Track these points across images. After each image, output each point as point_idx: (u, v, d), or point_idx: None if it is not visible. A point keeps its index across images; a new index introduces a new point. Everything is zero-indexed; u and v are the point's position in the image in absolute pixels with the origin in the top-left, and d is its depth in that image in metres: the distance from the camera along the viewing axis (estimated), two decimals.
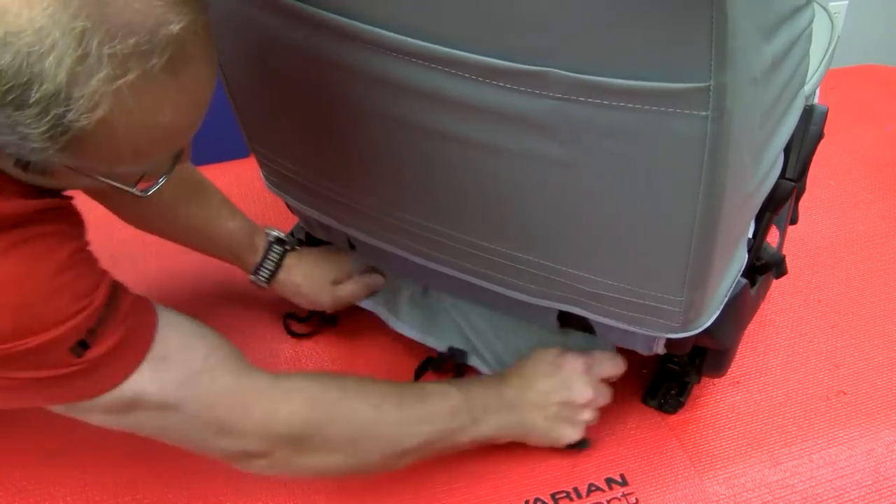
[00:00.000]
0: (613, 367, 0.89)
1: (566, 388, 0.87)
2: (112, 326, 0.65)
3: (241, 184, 1.26)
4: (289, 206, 0.99)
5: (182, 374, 0.70)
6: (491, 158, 0.69)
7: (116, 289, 0.67)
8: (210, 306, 1.08)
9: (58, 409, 0.69)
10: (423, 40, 0.62)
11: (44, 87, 0.51)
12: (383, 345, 1.03)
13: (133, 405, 0.69)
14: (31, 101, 0.51)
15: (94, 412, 0.69)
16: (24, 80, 0.50)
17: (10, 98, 0.51)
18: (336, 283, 1.01)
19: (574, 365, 0.88)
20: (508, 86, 0.61)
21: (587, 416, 0.88)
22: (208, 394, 0.71)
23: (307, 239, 1.06)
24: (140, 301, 0.70)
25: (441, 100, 0.65)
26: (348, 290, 1.01)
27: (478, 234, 0.78)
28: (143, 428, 0.72)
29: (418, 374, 0.98)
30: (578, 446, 0.89)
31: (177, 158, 0.65)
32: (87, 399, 0.67)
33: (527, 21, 0.57)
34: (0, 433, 0.93)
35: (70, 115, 0.52)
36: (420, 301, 1.02)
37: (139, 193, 0.64)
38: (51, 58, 0.50)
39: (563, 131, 0.62)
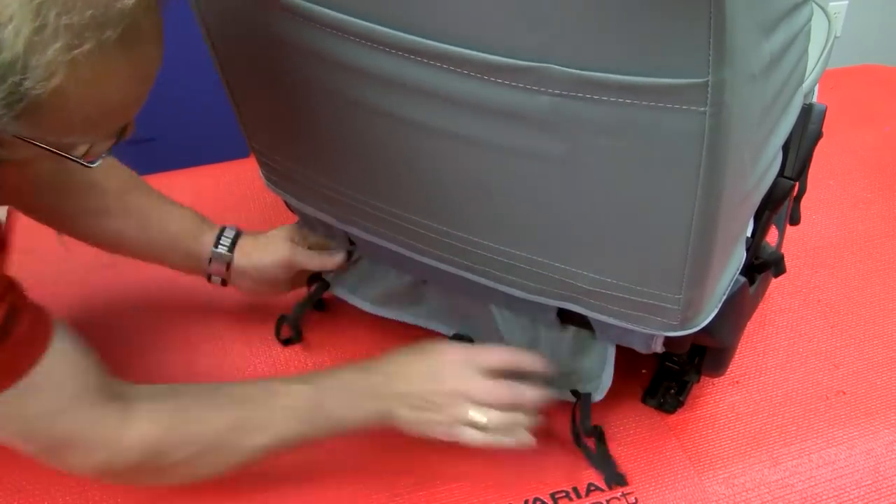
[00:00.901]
0: (495, 358, 0.84)
1: (434, 378, 0.82)
2: None
3: (241, 184, 1.26)
4: (288, 205, 0.99)
5: (46, 408, 0.73)
6: (489, 155, 0.69)
7: (11, 317, 0.68)
8: (205, 310, 1.08)
9: None
10: (422, 37, 0.62)
11: (1, 56, 0.53)
12: (383, 348, 1.02)
13: None
14: None
15: None
16: None
17: None
18: (291, 240, 1.00)
19: (447, 355, 0.84)
20: (506, 82, 0.61)
21: (459, 410, 0.81)
22: (61, 432, 0.74)
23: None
24: (37, 329, 0.71)
25: (439, 97, 0.66)
26: (311, 255, 1.00)
27: (476, 230, 0.78)
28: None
29: None
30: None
31: (122, 133, 0.67)
32: None
33: (524, 17, 0.57)
34: None
35: (26, 84, 0.54)
36: (417, 291, 1.01)
37: (86, 163, 0.66)
38: (9, 28, 0.52)
39: (561, 128, 0.62)
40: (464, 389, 0.81)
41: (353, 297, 1.02)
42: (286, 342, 1.04)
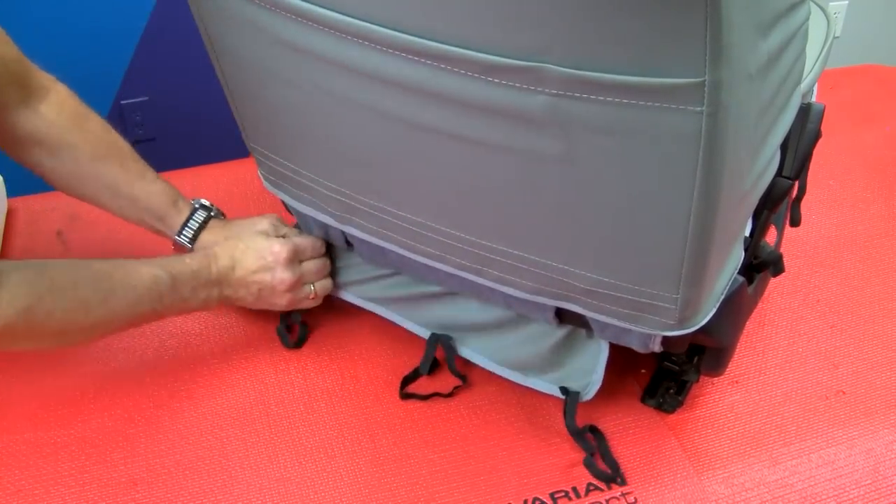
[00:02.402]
0: (312, 249, 1.00)
1: (269, 272, 0.95)
2: None
3: (241, 184, 1.26)
4: (286, 205, 0.99)
5: None
6: (485, 155, 0.69)
7: None
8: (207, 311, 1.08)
9: None
10: (419, 37, 0.63)
11: None
12: (383, 347, 1.03)
13: None
14: None
15: None
16: None
17: None
18: (262, 233, 1.00)
19: (280, 254, 0.95)
20: (503, 82, 0.61)
21: (282, 301, 0.97)
22: None
23: None
24: None
25: (436, 96, 0.66)
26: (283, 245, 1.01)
27: (474, 230, 0.79)
28: None
29: (405, 384, 0.97)
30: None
31: None
32: None
33: (522, 17, 0.57)
34: (0, 431, 0.93)
35: None
36: (402, 289, 1.01)
37: None
38: None
39: (558, 127, 0.62)
40: (296, 279, 0.98)
41: (345, 292, 1.04)
42: (292, 345, 1.05)
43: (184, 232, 0.99)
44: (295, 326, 1.05)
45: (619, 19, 0.54)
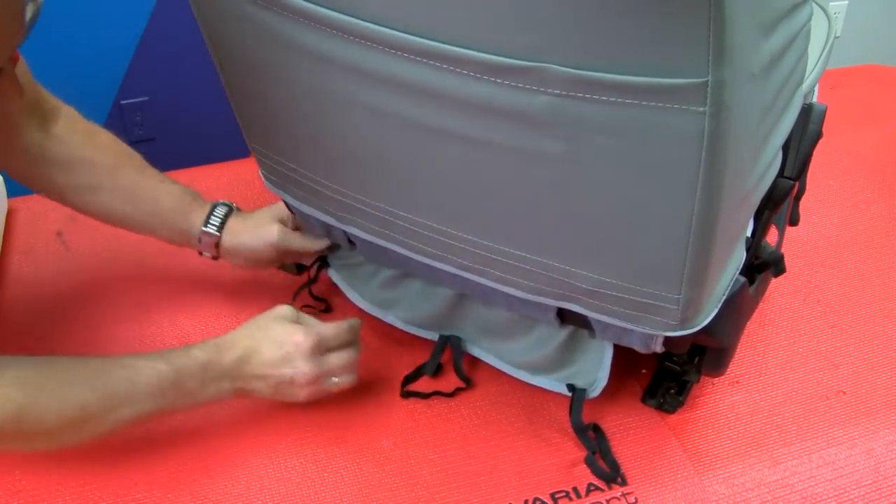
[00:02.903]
0: (338, 338, 0.90)
1: (289, 364, 0.87)
2: None
3: (241, 184, 1.26)
4: (287, 205, 0.99)
5: None
6: (488, 155, 0.69)
7: None
8: (206, 310, 1.08)
9: None
10: (421, 37, 0.62)
11: None
12: (384, 347, 1.03)
13: None
14: None
15: None
16: None
17: None
18: (281, 221, 1.01)
19: (302, 344, 0.87)
20: (505, 82, 0.61)
21: (301, 393, 0.88)
22: None
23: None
24: None
25: (438, 96, 0.66)
26: (297, 236, 1.02)
27: (475, 230, 0.78)
28: None
29: (406, 382, 0.97)
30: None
31: None
32: None
33: (524, 17, 0.57)
34: None
35: None
36: (402, 287, 1.01)
37: None
38: None
39: (561, 127, 0.62)
40: (318, 373, 0.88)
41: (350, 290, 1.03)
42: None
43: (210, 221, 0.99)
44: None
45: (622, 19, 0.54)
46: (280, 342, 0.87)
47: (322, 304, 1.07)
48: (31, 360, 0.80)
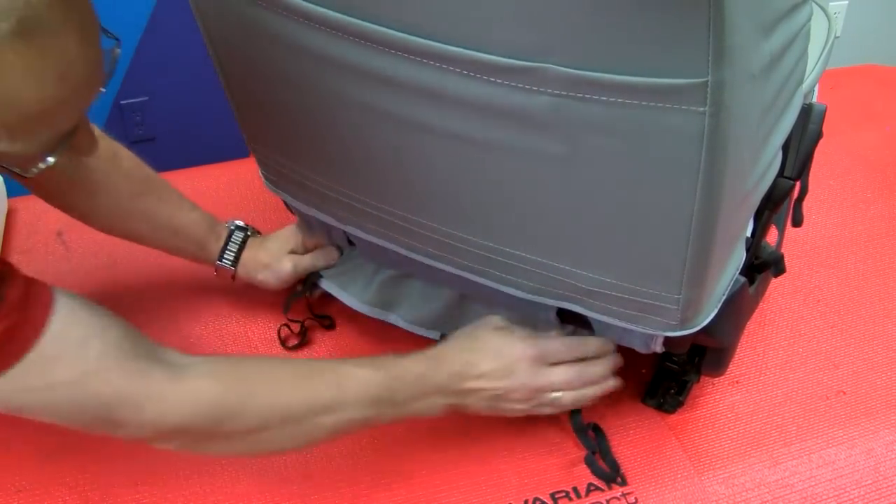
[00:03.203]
0: (565, 351, 0.85)
1: (507, 377, 0.82)
2: None
3: (241, 184, 1.26)
4: (287, 205, 0.99)
5: (72, 374, 0.70)
6: (488, 155, 0.69)
7: (3, 281, 0.66)
8: (206, 311, 1.08)
9: None
10: (421, 37, 0.62)
11: None
12: (384, 347, 1.03)
13: (22, 405, 0.70)
14: None
15: None
16: None
17: None
18: (294, 252, 1.03)
19: (521, 351, 0.83)
20: (506, 82, 0.61)
21: (518, 407, 0.84)
22: (98, 395, 0.71)
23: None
24: (33, 293, 0.68)
25: (438, 96, 0.66)
26: (307, 261, 1.03)
27: (476, 230, 0.79)
28: (37, 415, 0.72)
29: None
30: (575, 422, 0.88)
31: (66, 140, 0.64)
32: None
33: (524, 17, 0.57)
34: (0, 433, 0.93)
35: None
36: (409, 291, 1.01)
37: (22, 173, 0.64)
38: None
39: (561, 127, 0.62)
40: (538, 386, 0.83)
41: (343, 293, 1.03)
42: (290, 347, 1.05)
43: (225, 256, 1.01)
44: (295, 328, 1.05)
45: (622, 20, 0.54)
46: (499, 353, 0.83)
47: (326, 320, 1.07)
48: (229, 357, 0.79)
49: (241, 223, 1.04)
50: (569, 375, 0.84)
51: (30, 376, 0.68)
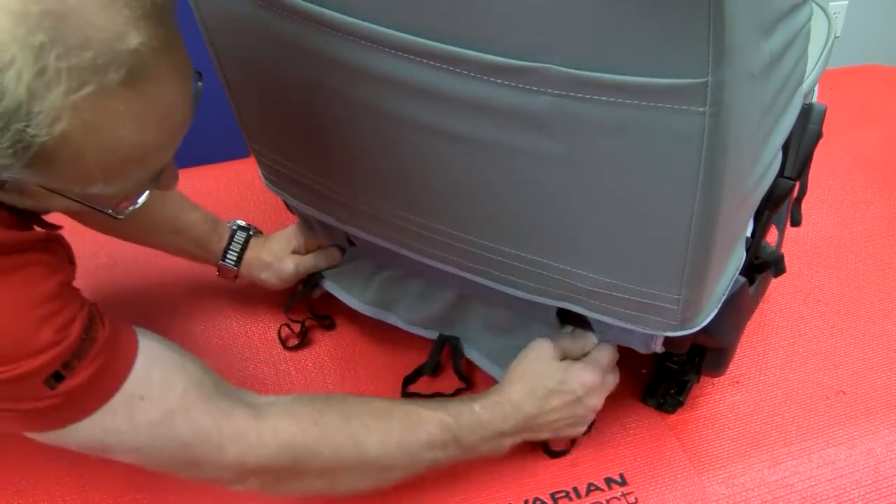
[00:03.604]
0: (611, 358, 0.88)
1: (579, 406, 0.85)
2: (88, 359, 0.65)
3: (241, 184, 1.26)
4: (287, 205, 0.99)
5: (157, 414, 0.70)
6: (488, 155, 0.69)
7: (93, 322, 0.67)
8: (206, 311, 1.08)
9: (39, 437, 0.69)
10: (421, 37, 0.62)
11: (4, 102, 0.51)
12: (384, 347, 1.03)
13: (105, 444, 0.69)
14: None
15: (70, 443, 0.69)
16: None
17: None
18: (296, 252, 1.03)
19: (583, 379, 0.85)
20: (506, 82, 0.61)
21: (590, 419, 0.88)
22: (182, 435, 0.71)
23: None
24: (119, 334, 0.69)
25: (439, 97, 0.66)
26: (308, 261, 1.03)
27: (475, 230, 0.78)
28: (118, 456, 0.72)
29: (406, 383, 0.97)
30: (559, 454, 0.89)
31: (155, 180, 0.65)
32: (61, 428, 0.67)
33: (524, 17, 0.57)
34: (0, 433, 0.93)
35: (31, 130, 0.52)
36: (408, 291, 1.01)
37: (115, 215, 0.64)
38: (10, 73, 0.50)
39: (561, 127, 0.62)
40: (599, 405, 0.87)
41: (344, 293, 1.03)
42: (290, 347, 1.05)
43: (228, 256, 1.02)
44: (295, 328, 1.05)
45: (622, 20, 0.54)
46: (567, 387, 0.84)
47: (326, 320, 1.07)
48: (304, 396, 0.79)
49: (243, 223, 1.05)
50: (610, 386, 0.88)
51: (116, 417, 0.68)
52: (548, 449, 0.90)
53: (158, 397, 0.70)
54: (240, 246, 1.02)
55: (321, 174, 0.87)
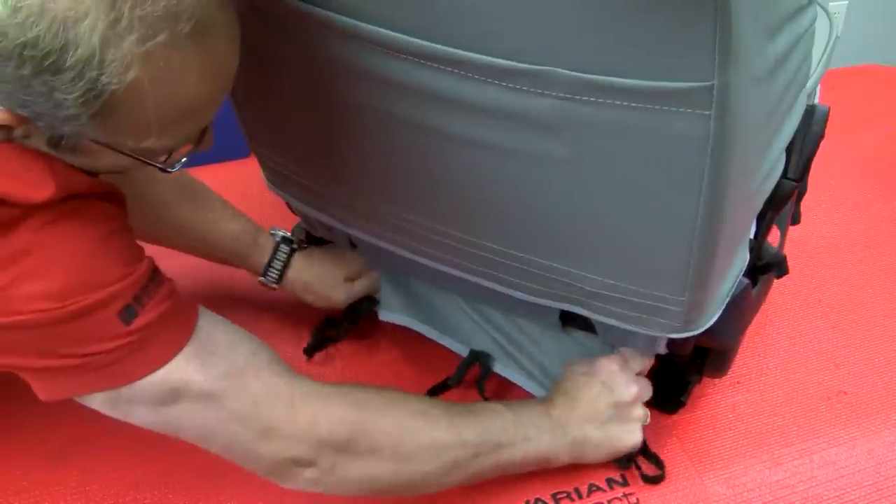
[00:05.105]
0: (643, 360, 0.88)
1: (610, 391, 0.85)
2: (157, 298, 0.67)
3: (241, 184, 1.25)
4: (289, 207, 0.99)
5: (227, 367, 0.70)
6: (494, 158, 0.68)
7: (157, 269, 0.69)
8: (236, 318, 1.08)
9: (103, 405, 0.69)
10: (426, 40, 0.62)
11: (79, 51, 0.53)
12: (407, 358, 1.03)
13: (177, 394, 0.69)
14: (66, 66, 0.53)
15: (138, 403, 0.69)
16: (60, 45, 0.53)
17: (46, 63, 0.53)
18: (348, 280, 1.02)
19: (609, 367, 0.86)
20: (511, 85, 0.61)
21: (638, 412, 0.87)
22: (254, 390, 0.71)
23: (307, 237, 1.06)
24: (179, 294, 0.71)
25: (442, 100, 0.65)
26: (363, 285, 1.02)
27: (480, 233, 0.78)
28: (185, 427, 0.72)
29: (434, 393, 0.95)
30: (626, 463, 0.88)
31: (201, 138, 0.66)
32: (135, 380, 0.67)
33: (530, 20, 0.57)
34: (1, 434, 0.93)
35: (104, 78, 0.54)
36: (435, 301, 1.01)
37: (165, 168, 0.66)
38: (85, 23, 0.52)
39: (566, 131, 0.62)
40: (638, 393, 0.86)
41: (401, 316, 1.02)
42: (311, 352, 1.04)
43: (269, 273, 1.00)
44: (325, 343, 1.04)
45: (628, 23, 0.54)
46: (589, 378, 0.86)
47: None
48: (360, 386, 0.79)
49: (285, 233, 1.02)
50: (649, 386, 0.88)
51: (189, 366, 0.68)
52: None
53: (227, 353, 0.71)
54: (282, 263, 1.00)
55: (323, 176, 0.86)
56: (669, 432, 0.93)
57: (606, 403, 0.85)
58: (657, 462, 0.89)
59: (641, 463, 0.89)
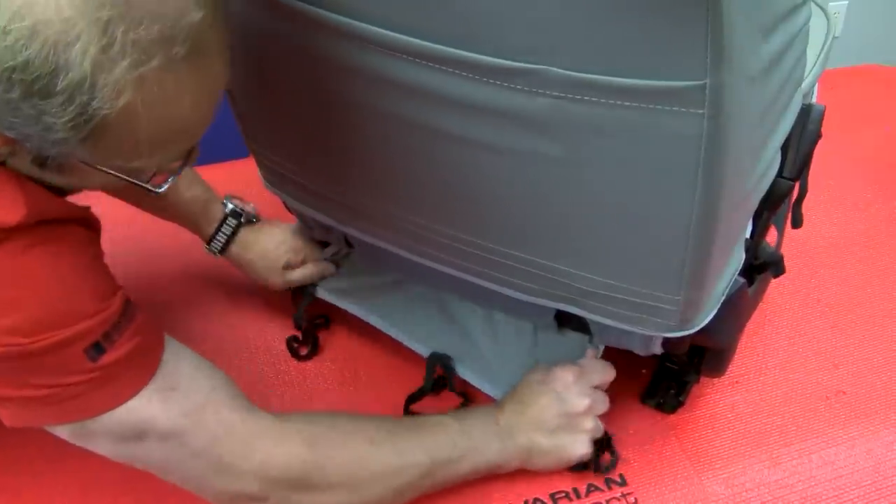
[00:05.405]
0: (603, 374, 0.88)
1: (562, 401, 0.85)
2: (126, 335, 0.66)
3: (240, 184, 1.25)
4: (287, 206, 0.99)
5: (188, 405, 0.70)
6: (488, 157, 0.69)
7: (129, 303, 0.68)
8: (207, 312, 1.08)
9: (69, 436, 0.69)
10: (421, 39, 0.62)
11: (70, 75, 0.52)
12: (388, 358, 1.03)
13: (142, 433, 0.69)
14: (56, 90, 0.52)
15: (102, 437, 0.69)
16: (51, 69, 0.51)
17: (36, 87, 0.52)
18: (289, 267, 1.02)
19: (564, 377, 0.86)
20: (505, 84, 0.61)
21: (588, 424, 0.86)
22: (212, 427, 0.71)
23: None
24: (150, 322, 0.70)
25: (438, 98, 0.66)
26: (298, 274, 1.02)
27: (475, 232, 0.79)
28: (146, 461, 0.72)
29: (409, 403, 0.96)
30: (583, 467, 0.88)
31: (189, 155, 0.65)
32: (98, 414, 0.67)
33: (524, 19, 0.57)
34: (0, 434, 0.93)
35: (95, 103, 0.53)
36: (404, 299, 1.01)
37: (154, 189, 0.65)
38: (77, 47, 0.51)
39: (561, 129, 0.62)
40: (590, 405, 0.86)
41: (342, 300, 1.02)
42: (301, 356, 1.04)
43: (213, 243, 1.01)
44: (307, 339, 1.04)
45: (621, 22, 0.54)
46: (542, 386, 0.86)
47: (321, 319, 1.07)
48: (312, 418, 0.79)
49: (236, 206, 1.02)
50: (605, 396, 0.88)
51: (152, 404, 0.68)
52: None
53: (188, 390, 0.70)
54: (225, 236, 1.00)
55: (320, 175, 0.87)
56: (668, 432, 0.93)
57: (556, 412, 0.85)
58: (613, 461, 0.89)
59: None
